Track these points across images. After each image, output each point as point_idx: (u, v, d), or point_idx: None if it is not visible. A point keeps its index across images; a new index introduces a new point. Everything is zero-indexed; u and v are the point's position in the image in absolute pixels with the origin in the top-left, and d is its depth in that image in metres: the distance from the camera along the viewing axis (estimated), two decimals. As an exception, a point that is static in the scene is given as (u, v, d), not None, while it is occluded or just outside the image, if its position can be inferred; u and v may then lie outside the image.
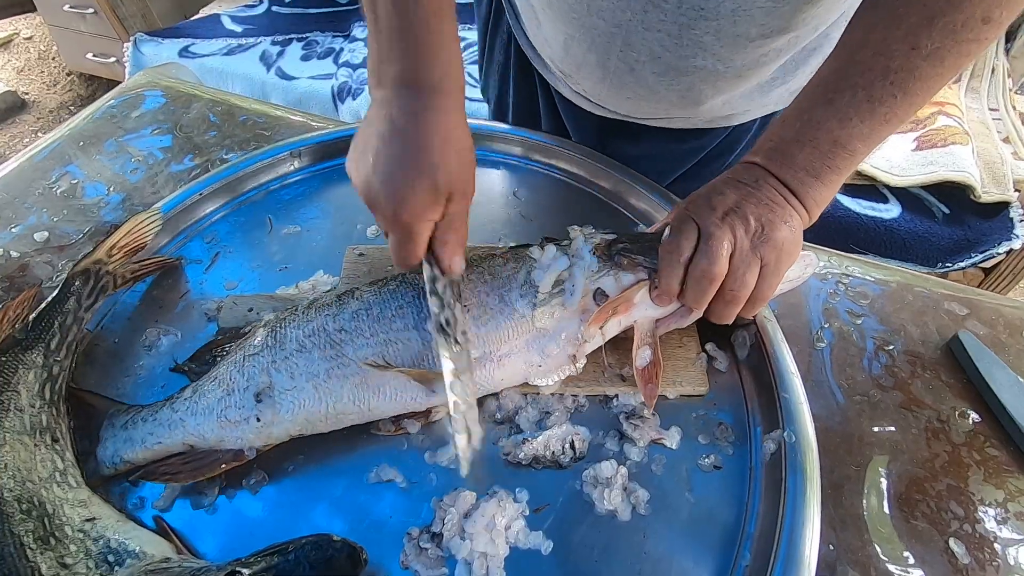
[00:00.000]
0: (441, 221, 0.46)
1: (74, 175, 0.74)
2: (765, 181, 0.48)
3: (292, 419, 0.47)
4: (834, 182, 0.48)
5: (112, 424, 0.48)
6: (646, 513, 0.46)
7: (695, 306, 0.50)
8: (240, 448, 0.47)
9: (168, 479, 0.46)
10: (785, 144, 0.48)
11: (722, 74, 0.61)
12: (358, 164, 0.46)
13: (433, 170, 0.43)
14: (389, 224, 0.45)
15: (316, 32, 1.86)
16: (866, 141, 0.46)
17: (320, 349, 0.48)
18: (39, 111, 2.52)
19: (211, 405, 0.47)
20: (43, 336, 0.49)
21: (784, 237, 0.47)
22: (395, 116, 0.43)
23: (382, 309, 0.50)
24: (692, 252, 0.47)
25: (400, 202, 0.43)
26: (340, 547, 0.40)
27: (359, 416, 0.48)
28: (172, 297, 0.60)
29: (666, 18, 0.55)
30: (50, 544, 0.38)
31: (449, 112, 0.44)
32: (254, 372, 0.48)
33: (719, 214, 0.47)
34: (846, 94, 0.45)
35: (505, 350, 0.49)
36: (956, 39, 0.41)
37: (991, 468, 0.50)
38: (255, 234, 0.66)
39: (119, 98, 0.86)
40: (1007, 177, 1.29)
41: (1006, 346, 0.58)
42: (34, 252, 0.65)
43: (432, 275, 0.48)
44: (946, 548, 0.46)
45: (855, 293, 0.63)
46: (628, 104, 0.69)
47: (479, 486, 0.46)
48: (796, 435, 0.48)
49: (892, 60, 0.43)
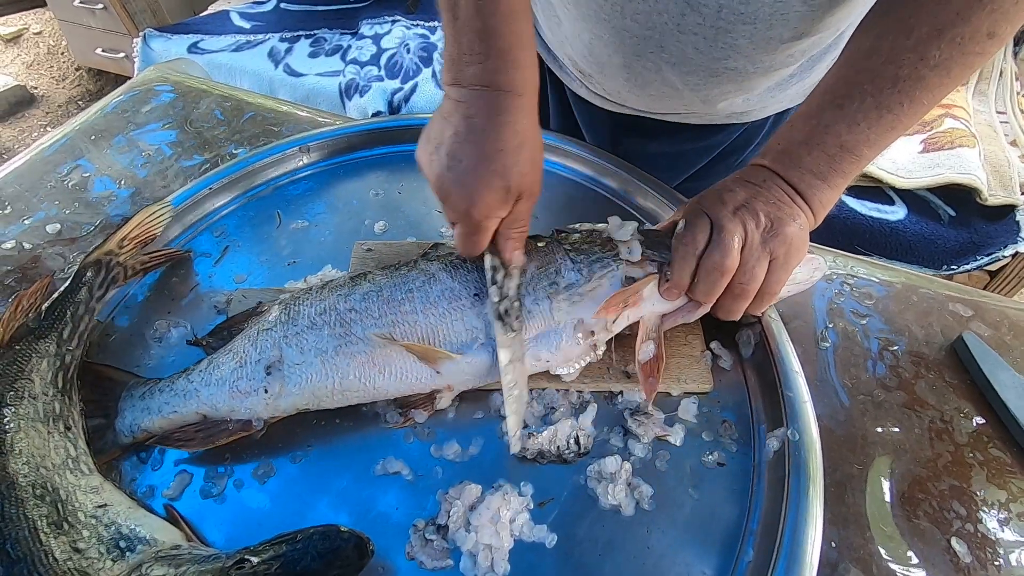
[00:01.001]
0: (507, 218, 0.48)
1: (85, 169, 0.75)
2: (773, 182, 0.50)
3: (299, 392, 0.48)
4: (839, 185, 0.49)
5: (131, 395, 0.50)
6: (650, 508, 0.46)
7: (705, 300, 0.50)
8: (249, 419, 0.48)
9: (181, 445, 0.48)
10: (793, 146, 0.49)
11: (750, 75, 0.62)
12: (432, 158, 0.47)
13: (507, 172, 0.45)
14: (460, 218, 0.48)
15: (324, 29, 1.87)
16: (872, 147, 0.47)
17: (330, 327, 0.50)
18: (48, 106, 2.54)
19: (224, 376, 0.49)
20: (56, 325, 0.49)
21: (793, 233, 0.48)
22: (473, 116, 0.45)
23: (392, 292, 0.51)
24: (706, 245, 0.48)
25: (473, 201, 0.45)
26: (348, 537, 0.41)
27: (364, 394, 0.49)
28: (182, 290, 0.61)
29: (704, 22, 0.56)
30: (63, 529, 0.38)
31: (525, 114, 0.46)
32: (266, 346, 0.50)
33: (730, 208, 0.48)
34: (855, 100, 0.46)
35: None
36: (963, 51, 0.43)
37: (994, 469, 0.50)
38: (264, 228, 0.67)
39: (129, 93, 0.86)
40: (1014, 180, 1.29)
41: (1010, 348, 0.58)
42: (46, 244, 0.65)
43: (493, 265, 0.50)
44: (948, 547, 0.46)
45: (860, 294, 0.63)
46: (648, 100, 0.69)
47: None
48: (800, 433, 0.48)
49: (901, 69, 0.44)
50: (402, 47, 1.75)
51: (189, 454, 0.49)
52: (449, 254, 0.55)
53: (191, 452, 0.48)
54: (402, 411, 0.51)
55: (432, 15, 1.90)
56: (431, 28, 1.85)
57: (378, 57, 1.72)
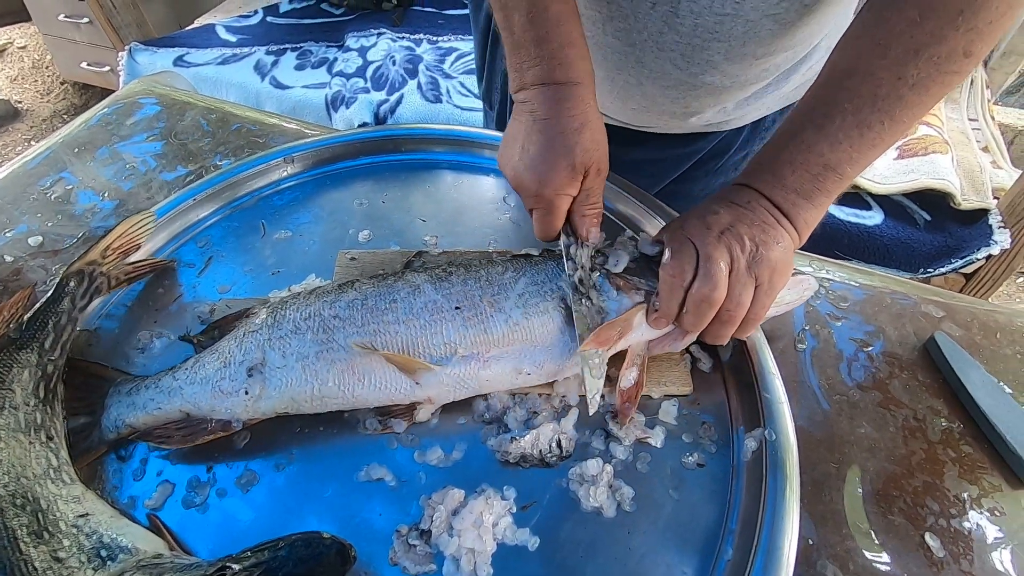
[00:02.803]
0: (578, 195, 0.52)
1: (68, 181, 0.75)
2: (757, 203, 0.50)
3: (279, 396, 0.49)
4: (823, 204, 0.49)
5: (119, 391, 0.51)
6: (631, 510, 0.47)
7: (693, 330, 0.50)
8: (229, 419, 0.49)
9: (162, 442, 0.48)
10: (777, 166, 0.49)
11: (726, 89, 0.64)
12: (506, 156, 0.53)
13: (570, 150, 0.49)
14: (533, 201, 0.51)
15: (310, 42, 1.88)
16: (855, 164, 0.48)
17: (313, 332, 0.50)
18: (32, 119, 2.52)
19: (208, 376, 0.50)
20: (37, 335, 0.49)
21: (777, 257, 0.48)
22: (537, 110, 0.50)
23: (376, 301, 0.52)
24: (694, 275, 0.48)
25: (543, 181, 0.50)
26: (330, 544, 0.41)
27: (343, 401, 0.50)
28: (166, 300, 0.61)
29: (680, 39, 0.58)
30: (43, 538, 0.38)
31: (584, 100, 0.50)
32: (251, 347, 0.50)
33: (715, 234, 0.48)
34: (836, 119, 0.47)
35: (494, 353, 0.50)
36: (940, 70, 0.44)
37: (966, 465, 0.52)
38: (248, 239, 0.67)
39: (114, 105, 0.87)
40: (986, 185, 1.32)
41: (980, 347, 0.60)
42: (28, 256, 0.65)
43: (568, 243, 0.53)
44: (922, 542, 0.47)
45: (836, 297, 0.64)
46: (630, 113, 0.71)
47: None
48: (777, 433, 0.49)
49: (879, 88, 0.45)
50: (388, 59, 1.77)
51: (171, 462, 0.49)
52: (436, 266, 0.56)
53: (171, 449, 0.49)
54: (381, 419, 0.51)
55: (417, 28, 1.92)
56: (416, 41, 1.87)
57: (364, 69, 1.73)
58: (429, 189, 0.74)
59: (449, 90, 1.68)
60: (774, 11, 0.54)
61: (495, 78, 0.88)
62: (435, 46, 1.85)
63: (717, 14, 0.54)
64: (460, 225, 0.69)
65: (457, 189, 0.74)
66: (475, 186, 0.74)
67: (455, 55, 1.81)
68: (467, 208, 0.71)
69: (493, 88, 0.90)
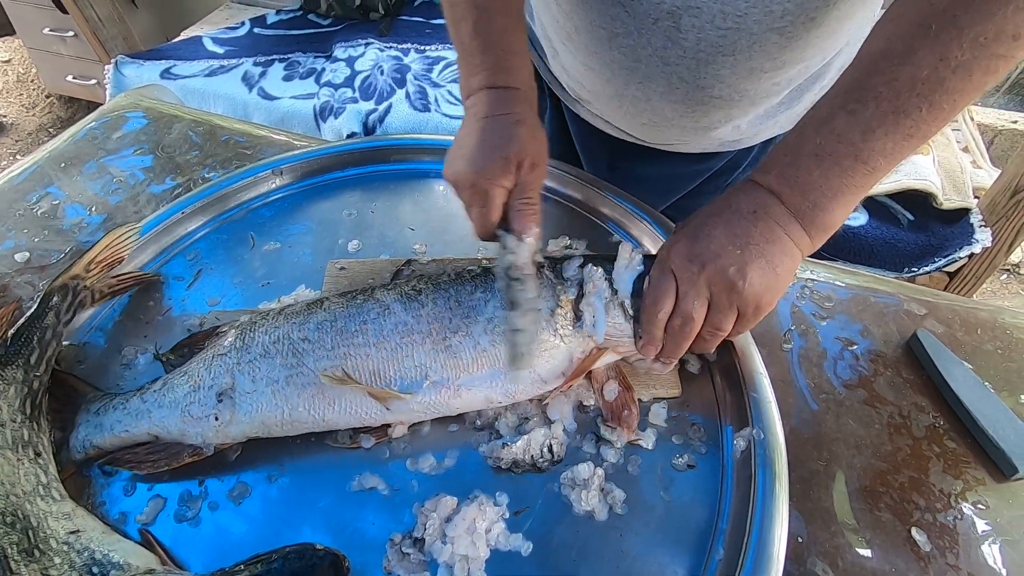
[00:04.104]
0: (514, 189, 0.51)
1: (55, 196, 0.74)
2: (766, 212, 0.46)
3: (249, 421, 0.48)
4: (849, 204, 0.45)
5: (87, 410, 0.50)
6: (623, 513, 0.48)
7: (671, 356, 0.51)
8: (199, 444, 0.48)
9: (132, 467, 0.48)
10: (801, 159, 0.45)
11: (736, 103, 0.63)
12: (449, 156, 0.53)
13: (507, 142, 0.50)
14: (468, 194, 0.51)
15: (298, 53, 1.88)
16: (888, 158, 0.43)
17: (282, 356, 0.50)
18: (18, 133, 2.50)
19: (177, 399, 0.49)
20: (22, 351, 0.49)
21: (766, 287, 0.46)
22: (478, 111, 0.52)
23: (345, 323, 0.51)
24: (672, 308, 0.48)
25: (478, 171, 0.50)
26: (323, 555, 0.41)
27: (313, 426, 0.49)
28: (155, 314, 0.61)
29: (685, 54, 0.58)
30: (34, 556, 0.38)
31: (521, 101, 0.52)
32: (220, 372, 0.50)
33: (697, 267, 0.47)
34: (870, 105, 0.42)
35: (464, 380, 0.50)
36: (987, 52, 0.40)
37: (950, 460, 0.53)
38: (237, 251, 0.67)
39: (100, 119, 0.86)
40: (967, 185, 1.35)
41: (962, 343, 0.61)
42: (14, 272, 0.65)
43: (505, 241, 0.52)
44: (909, 537, 0.48)
45: (821, 296, 0.65)
46: (643, 129, 0.71)
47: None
48: (765, 433, 0.50)
49: (919, 70, 0.41)
50: (376, 69, 1.78)
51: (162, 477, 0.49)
52: (407, 282, 0.55)
53: (142, 474, 0.48)
54: (352, 434, 0.51)
55: (405, 38, 1.93)
56: (404, 50, 1.88)
57: (352, 79, 1.74)
58: (418, 198, 0.74)
59: (437, 99, 1.69)
60: (778, 24, 0.53)
61: None
62: (423, 55, 1.86)
63: (720, 28, 0.54)
64: (449, 233, 0.69)
65: (446, 198, 0.74)
66: (463, 194, 0.75)
67: (443, 64, 1.82)
68: (456, 216, 0.72)
69: None
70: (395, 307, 0.52)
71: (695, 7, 0.53)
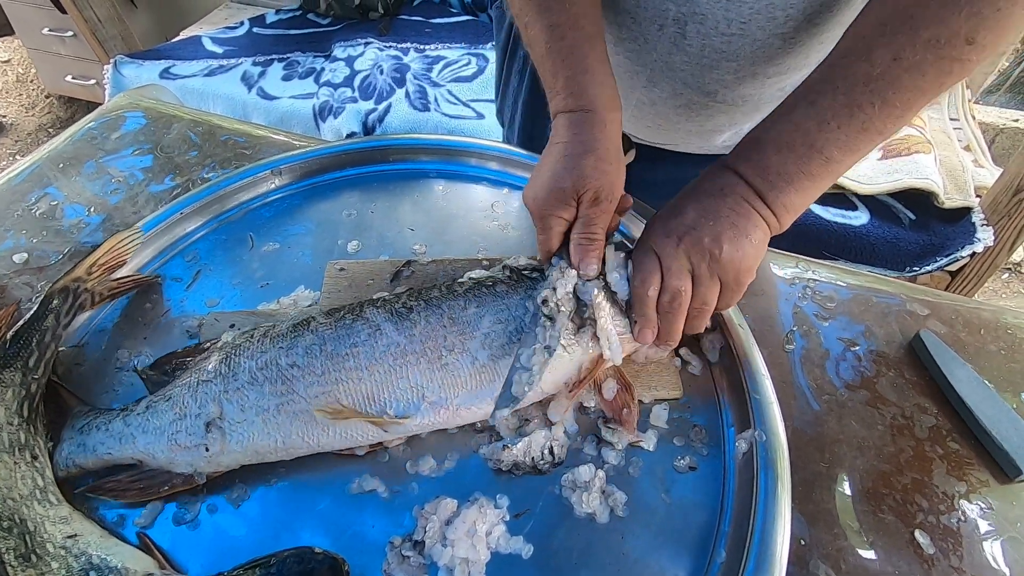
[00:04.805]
0: (575, 222, 0.51)
1: (54, 197, 0.74)
2: (733, 189, 0.49)
3: (241, 451, 0.47)
4: (807, 189, 0.48)
5: (72, 426, 0.48)
6: (624, 515, 0.47)
7: (668, 338, 0.51)
8: (190, 473, 0.47)
9: (114, 496, 0.46)
10: (762, 145, 0.48)
11: (740, 107, 0.64)
12: (528, 183, 0.53)
13: (568, 173, 0.49)
14: (536, 221, 0.52)
15: (297, 52, 1.88)
16: (843, 149, 0.46)
17: (271, 383, 0.48)
18: (17, 134, 2.50)
19: (163, 426, 0.47)
20: (21, 354, 0.49)
21: (743, 254, 0.47)
22: (554, 137, 0.52)
23: (335, 346, 0.49)
24: (660, 285, 0.49)
25: (537, 201, 0.51)
26: (322, 559, 0.41)
27: (308, 451, 0.48)
28: (153, 315, 0.60)
29: (690, 60, 0.58)
30: (31, 561, 0.38)
31: (593, 126, 0.50)
32: (206, 400, 0.48)
33: (674, 241, 0.48)
34: (827, 97, 0.45)
35: (463, 397, 0.49)
36: (939, 55, 0.42)
37: (953, 461, 0.52)
38: (236, 252, 0.67)
39: (99, 119, 0.86)
40: (968, 184, 1.34)
41: (964, 344, 0.61)
42: (13, 273, 0.65)
43: (555, 266, 0.52)
44: (912, 539, 0.47)
45: (823, 297, 0.65)
46: (648, 131, 0.72)
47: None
48: (767, 434, 0.49)
49: (873, 67, 0.43)
50: (375, 68, 1.77)
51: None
52: (396, 299, 0.53)
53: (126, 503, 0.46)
54: None
55: (404, 37, 1.93)
56: (403, 50, 1.87)
57: (351, 79, 1.73)
58: (417, 198, 0.74)
59: (437, 98, 1.69)
60: (781, 30, 0.54)
61: (508, 95, 0.89)
62: (422, 55, 1.86)
63: (724, 35, 0.55)
64: (449, 233, 0.69)
65: (445, 198, 0.74)
66: (463, 195, 0.75)
67: (442, 63, 1.82)
68: (456, 216, 0.71)
69: (506, 105, 0.91)
70: (386, 327, 0.50)
71: (700, 14, 0.54)
